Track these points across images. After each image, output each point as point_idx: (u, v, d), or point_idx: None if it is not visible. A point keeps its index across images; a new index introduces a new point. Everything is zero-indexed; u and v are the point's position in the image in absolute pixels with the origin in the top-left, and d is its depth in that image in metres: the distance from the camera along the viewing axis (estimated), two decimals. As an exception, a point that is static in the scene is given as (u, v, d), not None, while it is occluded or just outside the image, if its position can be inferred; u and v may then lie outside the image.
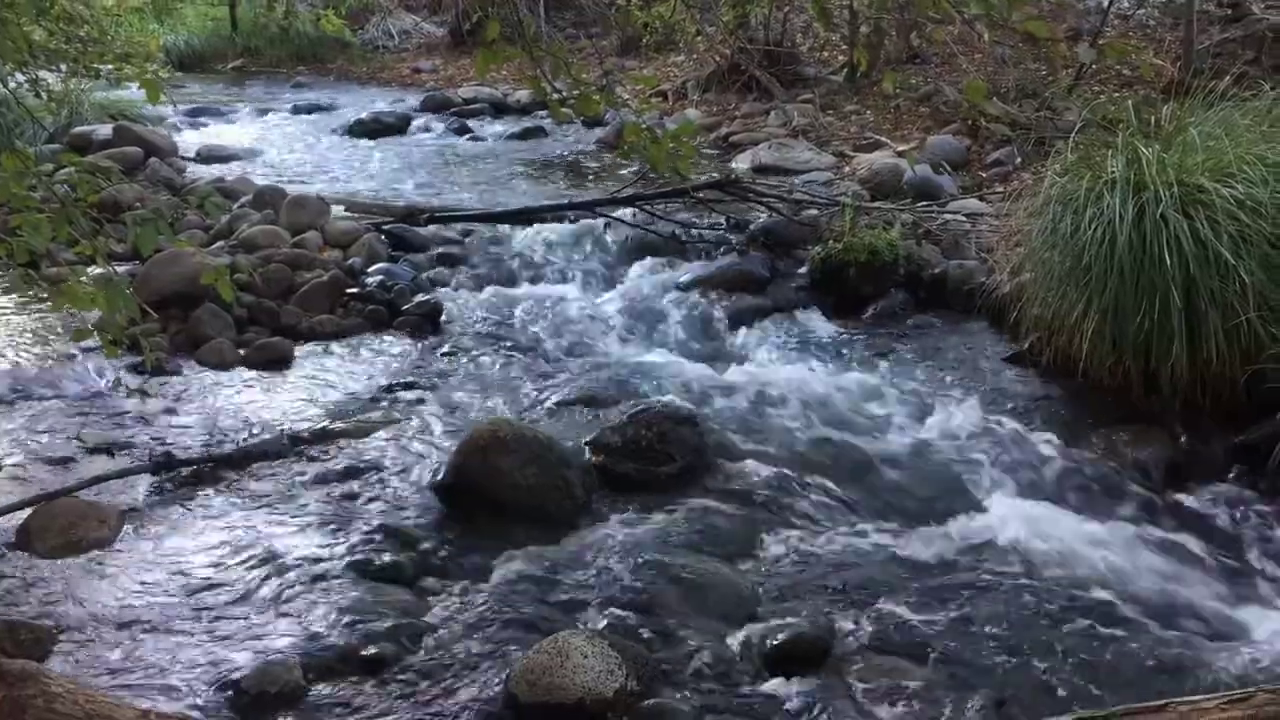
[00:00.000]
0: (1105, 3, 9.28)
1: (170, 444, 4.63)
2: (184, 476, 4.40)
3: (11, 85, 6.05)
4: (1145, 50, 8.99)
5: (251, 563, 3.81)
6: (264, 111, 12.12)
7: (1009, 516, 4.16)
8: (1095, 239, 4.71)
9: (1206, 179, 4.66)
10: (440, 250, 6.86)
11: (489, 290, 6.46)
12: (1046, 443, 4.63)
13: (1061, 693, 3.24)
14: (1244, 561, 3.96)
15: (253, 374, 5.42)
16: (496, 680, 3.21)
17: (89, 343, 4.74)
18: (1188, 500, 4.30)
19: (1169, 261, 4.48)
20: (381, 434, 4.76)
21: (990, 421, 4.81)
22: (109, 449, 4.60)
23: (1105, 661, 3.37)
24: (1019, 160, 7.61)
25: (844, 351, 5.69)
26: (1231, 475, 4.37)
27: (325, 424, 4.83)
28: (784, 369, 5.44)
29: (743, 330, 6.01)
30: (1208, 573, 3.86)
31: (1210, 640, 3.45)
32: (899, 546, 4.00)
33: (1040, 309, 5.06)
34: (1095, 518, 4.16)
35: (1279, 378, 4.29)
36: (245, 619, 3.51)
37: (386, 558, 3.83)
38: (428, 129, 11.20)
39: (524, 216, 7.21)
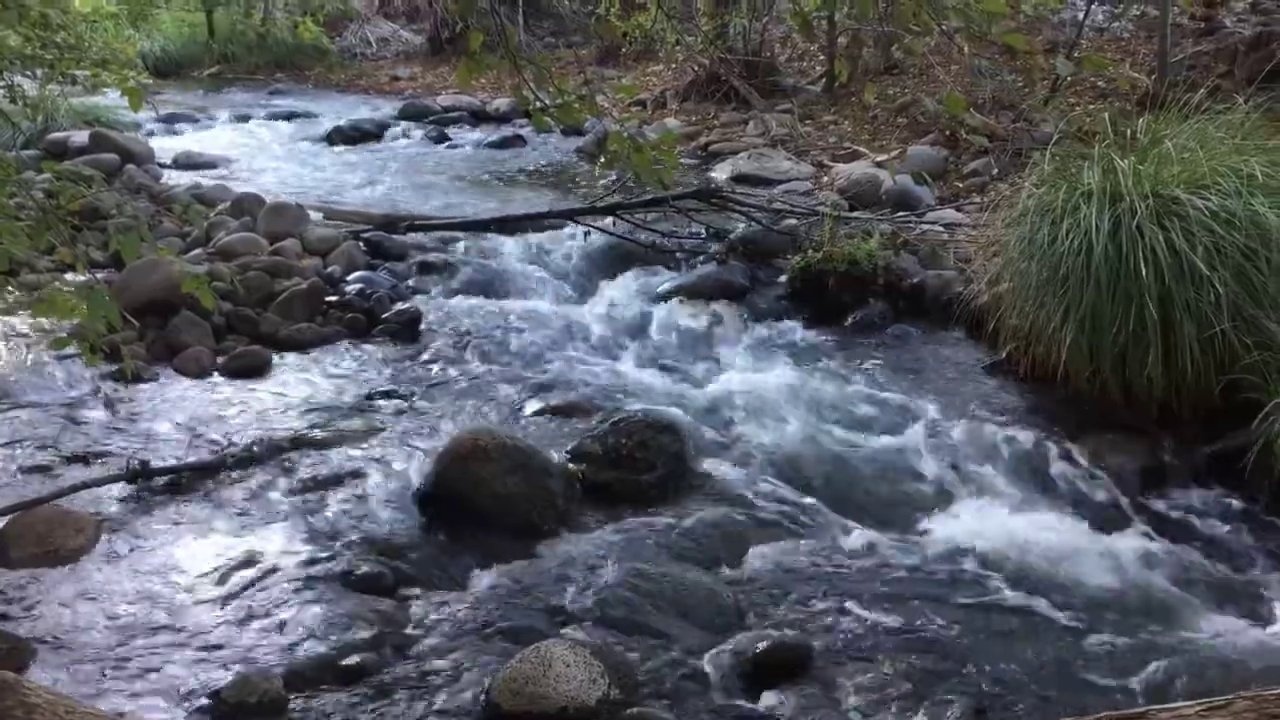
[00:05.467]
0: (1081, 16, 9.36)
1: (147, 452, 4.59)
2: (161, 485, 4.37)
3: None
4: (1121, 63, 9.07)
5: (230, 572, 3.79)
6: (241, 118, 12.03)
7: (987, 523, 4.20)
8: (1072, 250, 4.75)
9: (1181, 191, 4.71)
10: (420, 258, 6.83)
11: (469, 298, 6.44)
12: (1024, 451, 4.67)
13: (1040, 700, 3.26)
14: (1220, 568, 3.99)
15: (231, 382, 5.37)
16: (478, 689, 3.21)
17: (66, 350, 4.70)
18: (1164, 507, 4.35)
19: (1145, 272, 4.53)
20: (361, 442, 4.74)
21: (968, 430, 4.84)
22: (86, 457, 4.56)
23: (1084, 668, 3.40)
24: (996, 171, 7.65)
25: (823, 360, 5.71)
26: (1207, 483, 4.41)
27: (304, 432, 4.81)
28: (763, 377, 5.45)
29: (722, 339, 6.02)
30: (1184, 580, 3.90)
31: (1188, 646, 3.48)
32: (878, 554, 4.02)
33: (1018, 319, 5.10)
34: (1073, 525, 4.20)
35: (1253, 387, 4.34)
36: (224, 628, 3.49)
37: (367, 567, 3.82)
38: (406, 136, 11.18)
39: (504, 225, 7.21)
